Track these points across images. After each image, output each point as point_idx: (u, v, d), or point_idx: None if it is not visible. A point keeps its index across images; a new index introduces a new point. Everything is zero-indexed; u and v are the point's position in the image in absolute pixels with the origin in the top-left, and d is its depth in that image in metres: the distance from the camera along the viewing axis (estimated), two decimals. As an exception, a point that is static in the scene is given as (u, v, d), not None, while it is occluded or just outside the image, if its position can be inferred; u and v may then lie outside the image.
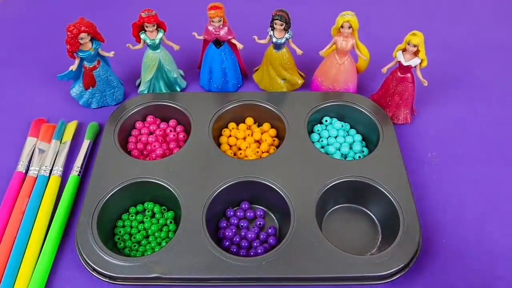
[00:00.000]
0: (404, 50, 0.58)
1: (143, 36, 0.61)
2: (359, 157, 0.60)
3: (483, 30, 0.81)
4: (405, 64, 0.59)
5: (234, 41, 0.63)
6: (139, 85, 0.68)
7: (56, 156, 0.60)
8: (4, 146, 0.62)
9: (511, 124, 0.66)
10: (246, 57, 0.69)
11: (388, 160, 0.56)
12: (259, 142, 0.62)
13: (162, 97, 0.64)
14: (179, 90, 0.69)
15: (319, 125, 0.63)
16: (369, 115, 0.61)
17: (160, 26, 0.61)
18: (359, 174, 0.54)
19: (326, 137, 0.61)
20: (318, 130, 0.63)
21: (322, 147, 0.61)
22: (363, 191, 0.54)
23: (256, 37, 0.63)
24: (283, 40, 0.62)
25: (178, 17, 0.73)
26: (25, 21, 0.83)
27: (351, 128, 0.64)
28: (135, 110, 0.62)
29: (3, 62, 0.75)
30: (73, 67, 0.61)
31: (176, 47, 0.64)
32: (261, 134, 0.62)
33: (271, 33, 0.61)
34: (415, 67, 0.59)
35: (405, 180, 0.54)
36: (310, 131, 0.62)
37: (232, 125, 0.63)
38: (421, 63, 0.58)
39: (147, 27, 0.60)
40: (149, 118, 0.64)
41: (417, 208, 0.51)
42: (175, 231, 0.51)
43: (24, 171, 0.58)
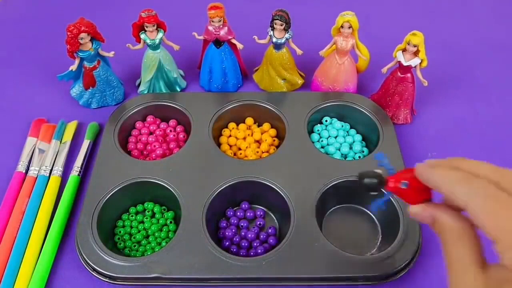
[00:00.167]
0: (404, 50, 0.58)
1: (143, 36, 0.61)
2: (359, 157, 0.60)
3: (483, 30, 0.81)
4: (405, 64, 0.59)
5: (234, 41, 0.63)
6: (139, 85, 0.68)
7: (56, 156, 0.60)
8: (4, 146, 0.62)
9: (511, 124, 0.66)
10: (246, 57, 0.69)
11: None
12: (259, 142, 0.62)
13: (162, 97, 0.64)
14: (179, 90, 0.69)
15: (319, 125, 0.63)
16: (369, 115, 0.61)
17: (160, 26, 0.61)
18: (359, 174, 0.54)
19: (326, 137, 0.61)
20: (318, 130, 0.63)
21: (322, 147, 0.61)
22: (363, 191, 0.54)
23: (256, 37, 0.63)
24: (283, 40, 0.62)
25: (178, 17, 0.73)
26: (25, 21, 0.83)
27: (351, 128, 0.63)
28: (135, 110, 0.62)
29: (3, 62, 0.75)
30: (73, 67, 0.61)
31: (176, 47, 0.64)
32: (261, 134, 0.62)
33: (271, 33, 0.61)
34: (415, 67, 0.59)
35: (405, 180, 0.54)
36: (310, 131, 0.62)
37: (232, 125, 0.63)
38: (421, 63, 0.58)
39: (147, 27, 0.60)
40: (149, 118, 0.64)
41: (417, 208, 0.51)
42: (175, 231, 0.51)
43: (24, 171, 0.58)
